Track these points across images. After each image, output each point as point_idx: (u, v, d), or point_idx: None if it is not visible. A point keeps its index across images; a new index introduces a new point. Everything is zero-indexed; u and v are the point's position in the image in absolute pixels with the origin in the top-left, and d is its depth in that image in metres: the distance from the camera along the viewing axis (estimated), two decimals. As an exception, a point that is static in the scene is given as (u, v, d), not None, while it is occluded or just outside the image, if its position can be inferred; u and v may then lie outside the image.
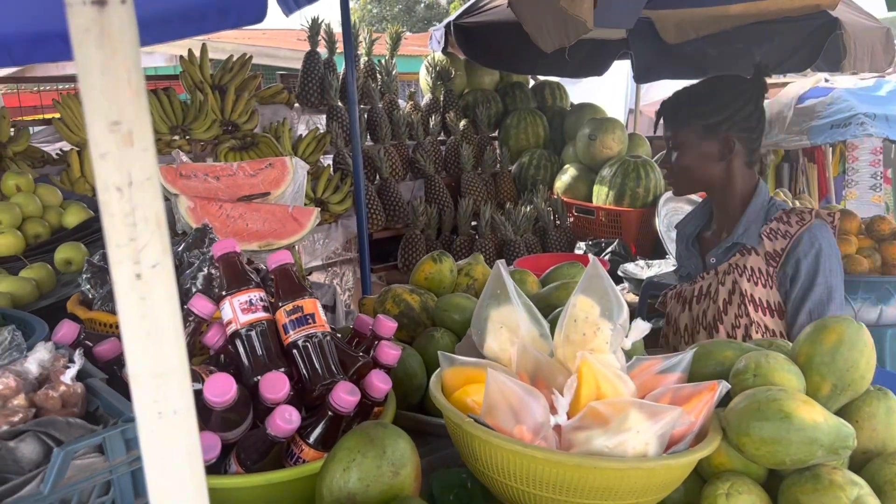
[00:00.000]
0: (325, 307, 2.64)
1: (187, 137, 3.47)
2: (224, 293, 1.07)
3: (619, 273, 3.71)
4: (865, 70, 3.84)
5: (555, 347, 1.16)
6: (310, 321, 1.07)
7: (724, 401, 1.10)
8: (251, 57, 3.84)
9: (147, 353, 0.47)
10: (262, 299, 1.09)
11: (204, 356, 1.27)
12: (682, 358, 1.16)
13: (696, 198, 4.19)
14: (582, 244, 4.03)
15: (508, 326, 1.19)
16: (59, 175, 3.05)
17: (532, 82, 5.04)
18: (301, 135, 3.84)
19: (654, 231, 3.95)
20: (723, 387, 1.05)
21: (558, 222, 4.25)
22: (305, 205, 3.42)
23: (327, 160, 3.94)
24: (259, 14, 3.88)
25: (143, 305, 0.46)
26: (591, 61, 4.05)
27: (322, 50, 4.04)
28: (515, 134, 4.55)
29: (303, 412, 1.08)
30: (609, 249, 3.89)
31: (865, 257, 2.59)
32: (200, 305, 1.07)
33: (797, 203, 3.76)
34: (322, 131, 3.87)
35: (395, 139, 4.11)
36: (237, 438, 1.01)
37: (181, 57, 3.67)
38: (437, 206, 4.03)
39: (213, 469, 1.01)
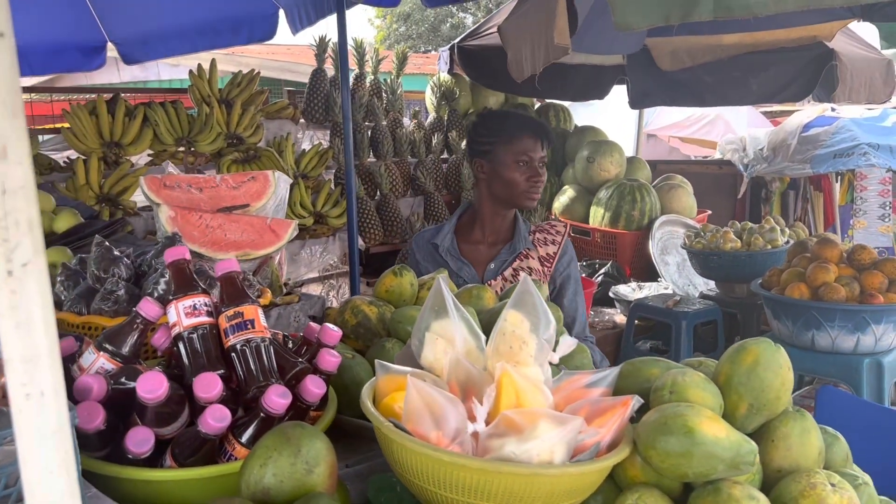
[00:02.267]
0: (313, 318, 2.71)
1: (192, 149, 3.58)
2: (171, 297, 1.15)
3: (611, 294, 3.75)
4: (862, 101, 3.86)
5: (486, 359, 1.22)
6: (249, 327, 1.14)
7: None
8: (259, 73, 3.95)
9: (17, 340, 0.54)
10: (206, 304, 1.16)
11: (160, 357, 1.34)
12: (609, 373, 1.21)
13: (692, 222, 4.23)
14: (577, 265, 4.08)
15: (445, 338, 1.25)
16: (65, 182, 3.17)
17: (537, 104, 5.11)
18: (305, 149, 3.94)
19: (648, 254, 3.99)
20: (635, 401, 1.10)
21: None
22: (291, 218, 3.51)
23: (329, 175, 4.03)
24: (269, 31, 4.02)
25: (13, 298, 0.53)
26: (592, 85, 4.12)
27: (329, 67, 4.15)
28: (517, 154, 4.61)
29: (240, 413, 1.15)
30: (602, 271, 3.94)
31: (843, 286, 2.62)
32: (147, 308, 1.14)
33: (792, 232, 3.78)
34: (325, 147, 3.97)
35: (397, 156, 4.20)
36: (173, 435, 1.08)
37: (190, 71, 3.80)
38: (436, 222, 4.10)
39: (151, 463, 1.08)
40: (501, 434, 1.04)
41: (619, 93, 4.69)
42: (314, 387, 1.15)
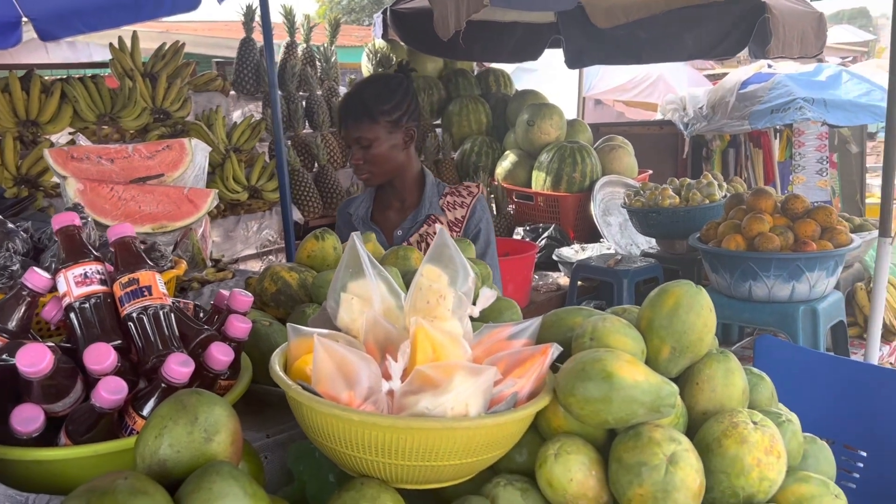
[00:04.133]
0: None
1: (116, 125, 3.43)
2: (60, 266, 1.07)
3: (555, 257, 3.75)
4: (795, 54, 3.89)
5: (405, 317, 1.17)
6: (146, 293, 1.07)
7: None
8: (183, 44, 3.80)
9: None
10: (99, 272, 1.08)
11: (60, 333, 1.26)
12: (531, 324, 1.17)
13: (633, 182, 4.24)
14: (520, 230, 4.06)
15: (362, 298, 1.20)
16: (-21, 164, 3.00)
17: (476, 69, 5.05)
18: (236, 122, 3.82)
19: (591, 215, 3.99)
20: (554, 349, 1.07)
21: (500, 208, 4.27)
22: (225, 194, 3.40)
23: (263, 147, 3.92)
24: (193, 2, 3.84)
25: None
26: (526, 45, 4.07)
27: (258, 37, 4.01)
28: (458, 121, 4.56)
29: (142, 385, 1.08)
30: (546, 234, 3.93)
31: (778, 235, 2.64)
32: (34, 279, 1.06)
33: (730, 186, 3.82)
34: (258, 118, 3.85)
35: (333, 126, 4.10)
36: (67, 411, 1.01)
37: (111, 44, 3.63)
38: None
39: (44, 441, 1.01)
40: (416, 390, 1.00)
41: (559, 56, 4.65)
42: (220, 354, 1.09)
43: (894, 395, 2.34)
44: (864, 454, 2.40)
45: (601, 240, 3.95)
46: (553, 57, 4.65)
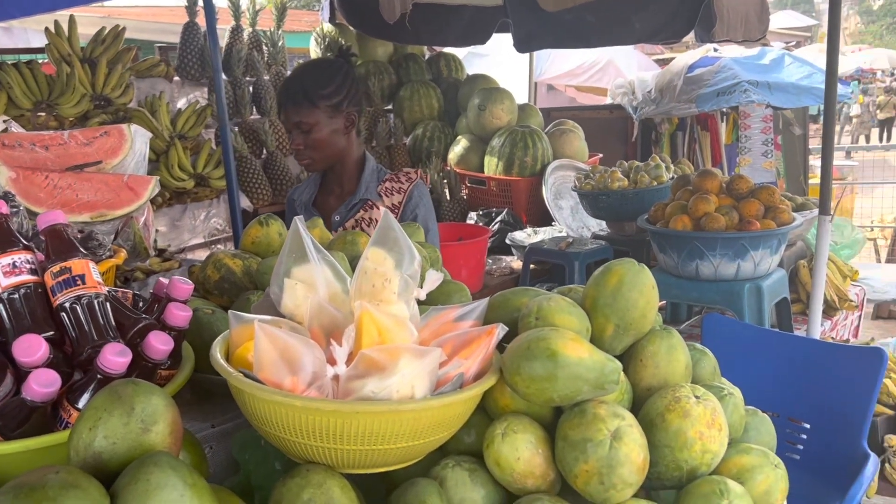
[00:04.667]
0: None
1: (55, 113, 3.32)
2: (-15, 256, 1.03)
3: (508, 241, 3.76)
4: (739, 37, 3.95)
5: (351, 302, 1.16)
6: (79, 282, 1.04)
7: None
8: (124, 28, 3.69)
9: None
10: (28, 261, 1.04)
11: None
12: (478, 305, 1.17)
13: (584, 166, 4.27)
14: (473, 214, 4.06)
15: (307, 283, 1.18)
16: None
17: (427, 54, 5.02)
18: (181, 108, 3.73)
19: (543, 199, 4.01)
20: (500, 330, 1.07)
21: (453, 193, 4.27)
22: (170, 182, 3.32)
23: (210, 134, 3.84)
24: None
25: None
26: (474, 29, 4.05)
27: (202, 22, 3.91)
28: (409, 106, 4.53)
29: (77, 377, 1.05)
30: (498, 219, 3.94)
31: (723, 215, 2.69)
32: (-43, 269, 1.01)
33: (678, 168, 3.87)
34: (203, 104, 3.77)
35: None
36: (-5, 406, 0.97)
37: (46, 28, 3.50)
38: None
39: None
40: (362, 374, 0.99)
41: (509, 41, 4.65)
42: (159, 343, 1.06)
43: (835, 369, 2.42)
44: (808, 426, 2.48)
45: (553, 223, 3.98)
46: (503, 42, 4.65)
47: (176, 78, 3.89)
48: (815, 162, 7.15)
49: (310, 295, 1.14)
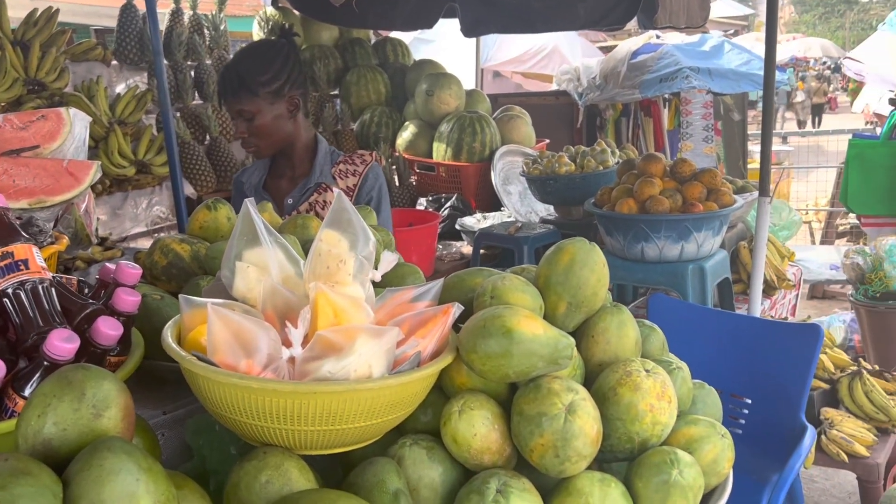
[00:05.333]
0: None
1: (-15, 98, 3.18)
2: (-79, 243, 0.98)
3: (457, 227, 3.77)
4: (681, 24, 4.03)
5: (305, 284, 1.15)
6: (22, 267, 1.01)
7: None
8: (57, 9, 3.55)
9: None
10: (-33, 247, 1.01)
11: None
12: (433, 286, 1.18)
13: (531, 151, 4.31)
14: (423, 200, 4.06)
15: (259, 266, 1.17)
16: None
17: (373, 39, 4.98)
18: (120, 93, 3.62)
19: (492, 185, 4.04)
20: (456, 309, 1.08)
21: (402, 179, 4.26)
22: (110, 169, 3.23)
23: (151, 120, 3.73)
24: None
25: None
26: (420, 13, 4.03)
27: (140, 4, 3.80)
28: (356, 91, 4.49)
29: (23, 364, 1.02)
30: (448, 204, 3.94)
31: (667, 197, 2.75)
32: None
33: (623, 153, 3.94)
34: (143, 89, 3.66)
35: (226, 97, 3.95)
36: (-64, 395, 0.94)
37: (-26, 10, 3.34)
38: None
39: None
40: (318, 355, 0.99)
41: (455, 27, 4.64)
42: (108, 329, 1.04)
43: (775, 346, 2.51)
44: (749, 401, 2.57)
45: (502, 208, 4.01)
46: (449, 28, 4.64)
47: (114, 62, 3.77)
48: (753, 147, 7.38)
49: (262, 278, 1.13)
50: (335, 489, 0.98)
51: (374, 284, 1.18)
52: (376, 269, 1.18)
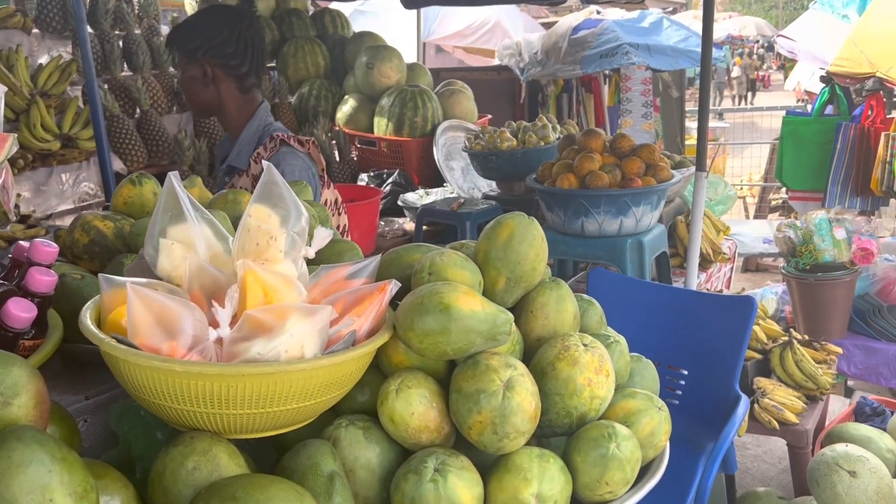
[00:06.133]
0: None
1: None
2: None
3: (400, 203, 3.73)
4: (622, 0, 4.05)
5: (234, 262, 1.10)
6: (-80, 246, 0.93)
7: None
8: (-30, -26, 3.34)
9: None
10: None
11: None
12: (370, 262, 1.14)
13: (474, 126, 4.28)
14: (364, 176, 4.00)
15: (184, 243, 1.11)
16: None
17: (311, 9, 4.85)
18: (42, 64, 3.43)
19: (434, 160, 4.00)
20: (393, 286, 1.05)
21: (343, 155, 4.18)
22: (32, 143, 3.07)
23: (77, 91, 3.56)
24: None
25: None
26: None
27: (63, -32, 3.60)
28: (294, 63, 4.37)
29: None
30: (390, 180, 3.89)
31: (607, 173, 2.77)
32: None
33: (564, 128, 3.95)
34: (67, 59, 3.48)
35: (156, 68, 3.80)
36: None
37: None
38: (209, 140, 3.79)
39: None
40: (247, 336, 0.95)
41: (395, 1, 4.56)
42: (20, 311, 0.97)
43: (711, 318, 2.56)
44: (686, 373, 2.62)
45: (445, 184, 3.98)
46: (390, 0, 4.56)
47: (35, 30, 3.57)
48: (690, 124, 7.52)
49: (188, 255, 1.07)
50: (268, 474, 0.94)
51: (309, 262, 1.14)
52: (310, 245, 1.14)
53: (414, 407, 1.03)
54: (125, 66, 3.77)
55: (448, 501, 0.96)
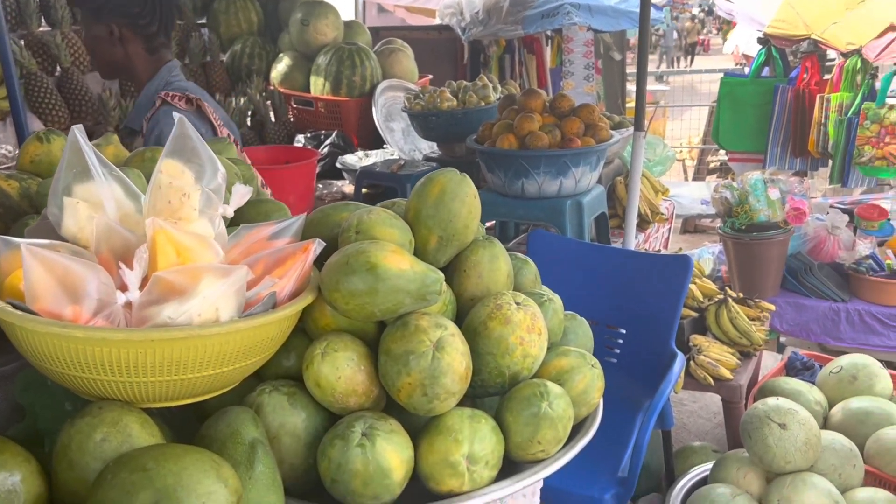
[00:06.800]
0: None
1: None
2: None
3: (338, 165, 3.64)
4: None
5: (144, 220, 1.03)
6: None
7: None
8: None
9: None
10: None
11: None
12: (294, 221, 1.09)
13: (414, 86, 4.20)
14: (301, 137, 3.89)
15: (91, 202, 1.04)
16: None
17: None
18: (-51, 17, 3.20)
19: (373, 121, 3.91)
20: (317, 245, 1.00)
21: (279, 115, 4.05)
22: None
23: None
24: None
25: None
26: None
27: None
28: (225, 20, 4.19)
29: None
30: (328, 142, 3.79)
31: (547, 133, 2.74)
32: None
33: (505, 89, 3.90)
34: (-23, 13, 3.25)
35: (77, 24, 3.58)
36: None
37: None
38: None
39: None
40: (158, 299, 0.89)
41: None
42: None
43: (648, 277, 2.58)
44: (624, 331, 2.65)
45: (385, 146, 3.90)
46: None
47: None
48: (632, 87, 7.55)
49: (95, 215, 1.00)
50: (188, 444, 0.89)
51: (232, 223, 1.08)
52: (228, 203, 1.07)
53: (341, 371, 0.99)
54: (43, 20, 3.54)
55: (376, 466, 0.93)
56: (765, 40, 4.90)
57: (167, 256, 0.93)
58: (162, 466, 0.79)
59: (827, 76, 4.70)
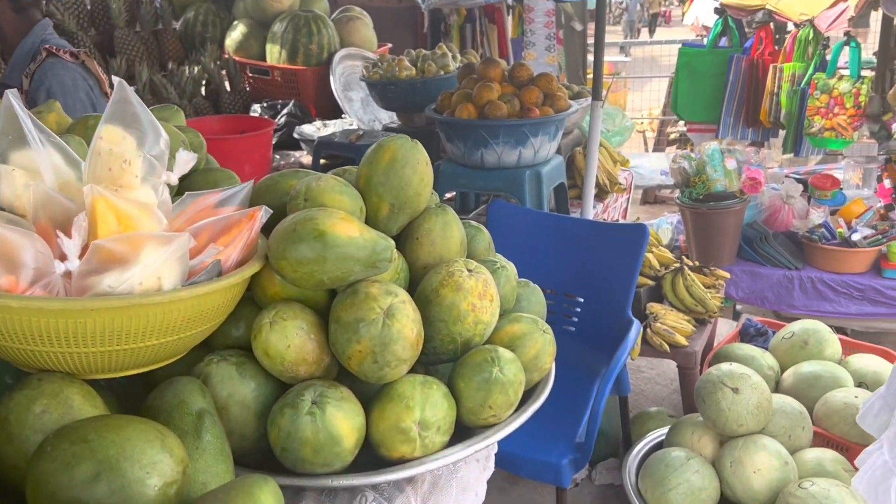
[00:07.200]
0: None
1: None
2: None
3: (296, 135, 3.58)
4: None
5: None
6: None
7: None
8: None
9: None
10: None
11: None
12: (242, 189, 1.07)
13: (372, 55, 4.14)
14: (257, 107, 3.81)
15: (28, 170, 1.00)
16: None
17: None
18: None
19: (331, 90, 3.85)
20: (264, 213, 0.98)
21: (234, 84, 3.96)
22: None
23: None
24: None
25: None
26: None
27: None
28: (178, -14, 4.08)
29: None
30: (285, 111, 3.73)
31: (506, 102, 2.73)
32: None
33: (464, 58, 3.87)
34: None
35: (20, -12, 3.44)
36: None
37: None
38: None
39: None
40: (98, 269, 0.86)
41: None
42: None
43: (605, 246, 2.61)
44: (581, 300, 2.68)
45: (343, 115, 3.85)
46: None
47: None
48: (591, 57, 7.56)
49: (32, 183, 0.96)
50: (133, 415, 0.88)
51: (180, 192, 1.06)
52: (171, 171, 1.05)
53: (290, 339, 0.97)
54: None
55: (326, 433, 0.92)
56: (721, 10, 4.93)
57: (107, 224, 0.91)
58: (104, 437, 0.77)
59: (780, 46, 4.75)
